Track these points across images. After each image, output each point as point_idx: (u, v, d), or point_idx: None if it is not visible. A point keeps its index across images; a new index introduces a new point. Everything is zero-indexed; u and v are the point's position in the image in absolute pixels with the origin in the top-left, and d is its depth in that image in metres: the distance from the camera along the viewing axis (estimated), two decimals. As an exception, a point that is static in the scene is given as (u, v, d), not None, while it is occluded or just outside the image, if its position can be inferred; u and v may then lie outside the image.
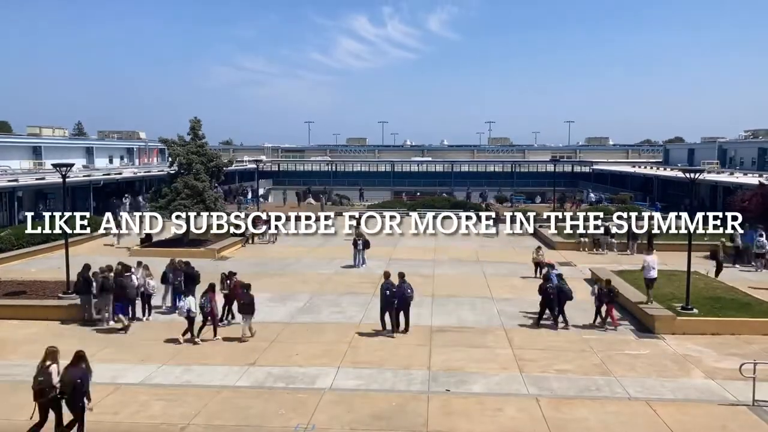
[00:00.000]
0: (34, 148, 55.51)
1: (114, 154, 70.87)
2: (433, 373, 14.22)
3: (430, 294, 21.82)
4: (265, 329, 17.54)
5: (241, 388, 13.26)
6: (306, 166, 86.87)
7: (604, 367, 14.71)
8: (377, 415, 11.84)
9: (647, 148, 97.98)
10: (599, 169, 75.10)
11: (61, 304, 18.73)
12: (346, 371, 14.28)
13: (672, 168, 59.31)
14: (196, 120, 32.19)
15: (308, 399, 12.55)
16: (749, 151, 61.84)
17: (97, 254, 29.03)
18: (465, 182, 75.93)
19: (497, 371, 14.40)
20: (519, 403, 12.51)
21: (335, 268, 26.93)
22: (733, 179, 43.24)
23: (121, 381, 13.53)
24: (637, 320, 18.59)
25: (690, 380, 13.97)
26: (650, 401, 12.57)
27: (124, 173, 54.09)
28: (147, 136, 79.63)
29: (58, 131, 66.23)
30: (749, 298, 19.83)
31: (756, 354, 14.85)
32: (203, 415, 11.76)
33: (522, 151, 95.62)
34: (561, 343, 16.54)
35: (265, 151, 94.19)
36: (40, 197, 42.45)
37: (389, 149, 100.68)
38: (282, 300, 21.03)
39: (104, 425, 11.27)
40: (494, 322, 18.48)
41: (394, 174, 79.48)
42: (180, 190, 30.47)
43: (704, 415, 11.93)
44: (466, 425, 11.42)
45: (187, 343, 16.21)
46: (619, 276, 22.95)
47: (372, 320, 18.46)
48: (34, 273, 24.26)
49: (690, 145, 78.88)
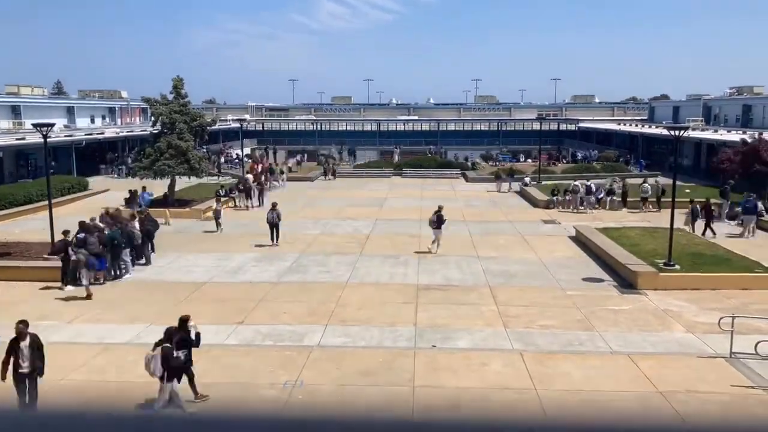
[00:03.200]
0: (13, 107, 54.28)
1: (96, 113, 69.56)
2: (419, 329, 14.41)
3: (417, 248, 21.97)
4: (253, 289, 17.63)
5: (230, 346, 13.38)
6: (291, 125, 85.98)
7: (587, 322, 14.98)
8: (364, 371, 12.03)
9: (633, 106, 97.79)
10: (585, 126, 75.03)
11: (45, 265, 18.64)
12: (334, 329, 14.44)
13: (657, 125, 59.38)
14: (179, 79, 31.62)
15: (296, 356, 12.70)
16: (733, 108, 61.95)
17: (82, 215, 28.77)
18: (451, 140, 75.73)
19: (482, 327, 14.62)
20: (504, 357, 12.75)
21: (321, 229, 26.96)
22: (717, 136, 43.44)
23: (110, 341, 13.59)
24: (620, 276, 18.86)
25: (671, 334, 14.29)
26: (632, 355, 12.86)
27: (106, 133, 53.27)
28: (129, 96, 78.14)
29: (37, 90, 64.69)
30: (730, 254, 20.16)
31: (734, 308, 15.17)
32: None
33: (508, 109, 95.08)
34: (545, 299, 16.79)
35: (249, 110, 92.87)
36: (20, 157, 41.83)
37: (375, 108, 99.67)
38: (269, 260, 21.08)
39: (93, 384, 11.36)
40: (479, 280, 18.68)
41: (380, 133, 78.92)
42: (164, 150, 30.12)
43: (684, 368, 12.25)
44: (452, 380, 11.64)
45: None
46: (603, 233, 23.20)
47: (358, 280, 18.62)
48: (19, 234, 24.08)
49: (675, 102, 78.77)
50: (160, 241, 22.32)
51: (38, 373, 10.28)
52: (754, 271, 18.19)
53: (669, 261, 18.46)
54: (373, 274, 19.37)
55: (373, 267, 20.24)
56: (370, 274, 19.44)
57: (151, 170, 30.16)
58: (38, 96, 63.18)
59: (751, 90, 66.06)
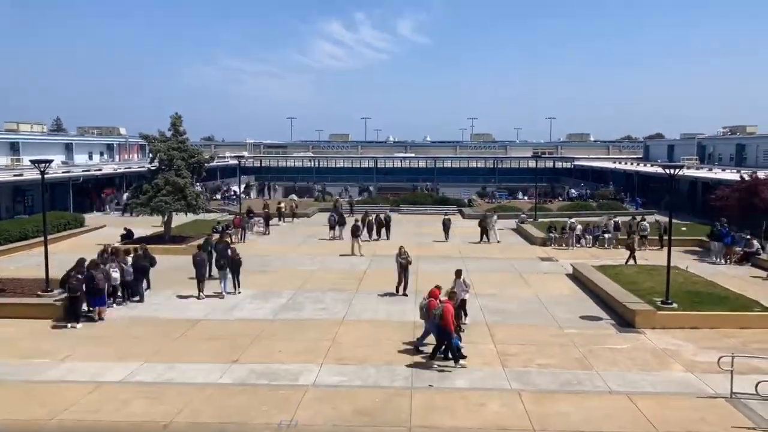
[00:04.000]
0: (12, 143, 54.62)
1: (94, 149, 69.99)
2: (416, 369, 14.26)
3: (414, 290, 21.86)
4: (248, 326, 17.48)
5: (225, 385, 13.20)
6: (288, 161, 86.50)
7: (586, 361, 14.85)
8: (361, 411, 11.86)
9: (628, 145, 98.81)
10: (580, 165, 75.62)
11: (40, 302, 18.48)
12: (330, 368, 14.27)
13: (652, 164, 59.89)
14: (177, 116, 31.86)
15: (291, 396, 12.53)
16: (727, 148, 62.68)
17: (77, 252, 28.69)
18: (448, 177, 76.16)
19: (480, 366, 14.47)
20: (502, 397, 12.60)
21: (318, 265, 26.88)
22: (712, 175, 43.81)
23: (102, 379, 13.39)
24: (617, 314, 18.77)
25: (670, 373, 14.15)
26: (631, 395, 12.72)
27: (104, 169, 53.47)
28: (127, 132, 78.69)
29: (36, 127, 65.21)
30: (727, 293, 20.10)
31: (734, 347, 15.09)
32: (186, 412, 11.70)
33: (504, 147, 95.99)
34: (543, 337, 16.67)
35: (247, 147, 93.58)
36: (18, 194, 41.85)
37: (372, 145, 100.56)
38: (264, 297, 20.95)
39: (85, 424, 11.17)
40: (477, 318, 18.55)
41: (377, 170, 79.33)
42: (161, 187, 30.18)
43: (683, 408, 12.10)
44: (449, 420, 11.47)
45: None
46: (600, 271, 23.17)
47: (355, 317, 18.49)
48: (14, 270, 23.95)
49: (670, 141, 79.69)
50: (156, 277, 22.20)
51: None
52: (752, 310, 18.13)
53: (667, 299, 18.40)
54: (370, 311, 19.23)
55: (369, 304, 20.12)
56: (366, 311, 19.31)
57: (148, 206, 30.18)
58: (37, 133, 63.63)
59: (744, 129, 66.98)
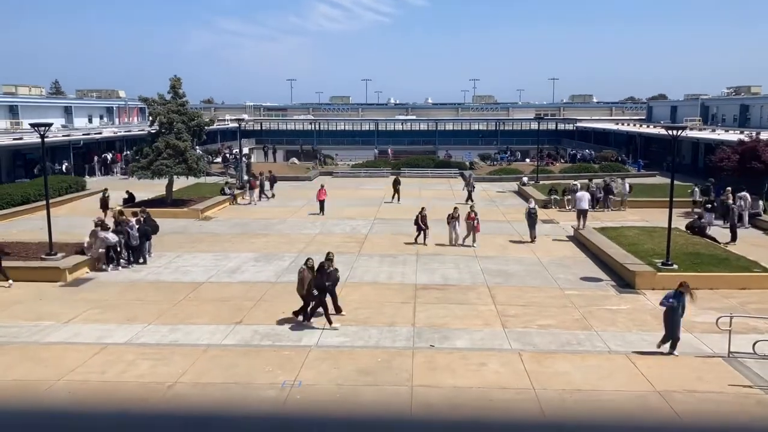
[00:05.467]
0: (11, 107, 54.21)
1: (93, 113, 69.49)
2: (418, 329, 14.41)
3: (415, 252, 21.98)
4: (251, 289, 17.62)
5: (228, 346, 13.36)
6: (289, 124, 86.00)
7: (585, 321, 14.99)
8: (363, 370, 12.02)
9: (631, 106, 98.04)
10: (583, 126, 75.16)
11: (44, 265, 18.62)
12: (332, 329, 14.42)
13: (655, 125, 59.47)
14: (177, 78, 31.57)
15: (295, 356, 12.69)
16: (731, 108, 62.09)
17: (78, 215, 28.81)
18: (449, 140, 75.78)
19: (480, 327, 14.62)
20: (502, 357, 12.75)
21: (320, 228, 26.95)
22: (714, 136, 43.52)
23: (107, 341, 13.56)
24: (618, 276, 18.88)
25: (668, 334, 14.27)
26: (630, 355, 12.87)
27: (104, 133, 53.23)
28: (127, 95, 78.07)
29: (34, 90, 64.58)
30: (727, 254, 20.17)
31: (732, 308, 15.21)
32: (191, 373, 11.86)
33: (506, 108, 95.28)
34: (543, 299, 16.80)
35: (247, 110, 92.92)
36: (18, 157, 41.75)
37: (373, 108, 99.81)
38: (267, 260, 21.06)
39: (91, 384, 11.34)
40: (478, 280, 18.68)
41: (378, 132, 78.91)
42: (161, 150, 30.08)
43: (682, 367, 12.25)
44: (450, 380, 11.63)
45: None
46: (601, 233, 23.22)
47: (357, 279, 18.61)
48: (16, 234, 24.04)
49: (673, 102, 78.96)
50: (158, 241, 22.30)
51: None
52: (752, 271, 18.21)
53: (667, 260, 18.47)
54: (372, 274, 19.36)
55: (371, 266, 20.24)
56: (368, 273, 19.43)
57: (148, 170, 30.13)
58: (36, 96, 63.10)
59: (748, 90, 66.23)
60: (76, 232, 22.93)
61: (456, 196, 36.31)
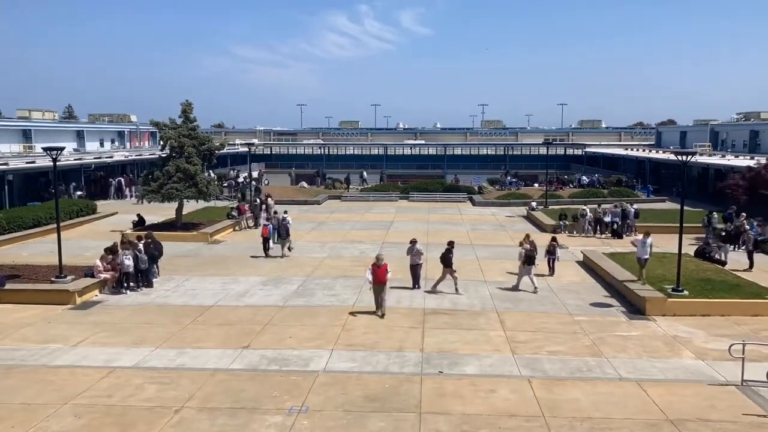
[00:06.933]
0: (24, 131, 54.94)
1: (105, 137, 70.29)
2: (426, 355, 14.31)
3: (423, 277, 21.89)
4: (259, 313, 17.58)
5: (235, 371, 13.30)
6: (298, 149, 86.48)
7: (596, 348, 14.84)
8: (371, 397, 11.92)
9: (640, 131, 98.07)
10: (592, 151, 75.15)
11: (53, 288, 18.68)
12: (340, 354, 14.34)
13: (664, 150, 59.39)
14: (188, 103, 31.92)
15: (302, 381, 12.61)
16: (741, 134, 61.99)
17: (89, 238, 28.96)
18: (458, 165, 75.86)
19: (490, 353, 14.50)
20: (511, 384, 12.62)
21: (328, 252, 26.95)
22: (724, 162, 43.39)
23: (115, 364, 13.54)
24: (628, 302, 18.72)
25: (680, 361, 14.11)
26: (641, 382, 12.71)
27: (115, 156, 53.72)
28: (138, 120, 79.02)
29: (48, 114, 65.50)
30: (739, 280, 19.98)
31: (745, 335, 15.03)
32: (197, 397, 11.81)
33: (515, 133, 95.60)
34: (553, 325, 16.66)
35: (258, 134, 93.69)
36: (30, 181, 42.12)
37: (382, 132, 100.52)
38: (275, 284, 21.05)
39: (97, 408, 11.29)
40: (487, 305, 18.57)
41: (386, 157, 79.20)
42: (172, 174, 30.29)
43: (694, 395, 12.07)
44: (459, 406, 11.51)
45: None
46: (611, 258, 23.11)
47: (365, 303, 18.54)
48: (27, 257, 24.17)
49: (682, 127, 78.95)
50: (167, 264, 22.36)
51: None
52: (764, 297, 18.01)
53: (677, 286, 18.31)
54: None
55: (379, 291, 20.12)
56: (376, 298, 19.34)
57: (159, 194, 30.32)
58: (49, 120, 63.93)
59: (758, 115, 66.09)
60: (87, 255, 23.04)
61: (465, 221, 36.27)
